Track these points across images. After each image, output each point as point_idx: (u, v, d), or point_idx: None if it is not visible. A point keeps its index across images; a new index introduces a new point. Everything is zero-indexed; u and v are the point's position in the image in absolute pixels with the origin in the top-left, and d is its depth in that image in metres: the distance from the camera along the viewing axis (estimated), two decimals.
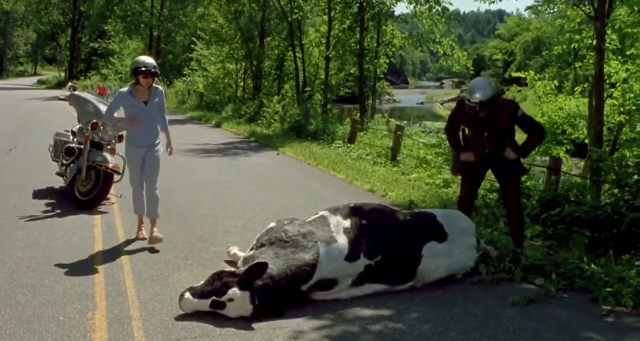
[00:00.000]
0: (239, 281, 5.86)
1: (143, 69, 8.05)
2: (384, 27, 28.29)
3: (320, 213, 7.03)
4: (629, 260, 7.66)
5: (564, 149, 19.90)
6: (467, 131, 7.95)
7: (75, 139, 10.90)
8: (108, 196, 10.48)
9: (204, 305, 5.89)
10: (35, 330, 5.52)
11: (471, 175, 7.95)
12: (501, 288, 6.98)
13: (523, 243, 7.92)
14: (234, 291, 5.81)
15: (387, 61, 30.72)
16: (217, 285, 5.92)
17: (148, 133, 8.33)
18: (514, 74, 24.25)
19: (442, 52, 26.76)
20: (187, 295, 5.96)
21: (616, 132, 17.01)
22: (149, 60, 8.30)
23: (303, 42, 30.36)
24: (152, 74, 8.12)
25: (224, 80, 36.81)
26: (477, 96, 7.39)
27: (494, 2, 17.03)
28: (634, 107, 15.89)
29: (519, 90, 45.25)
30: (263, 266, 5.94)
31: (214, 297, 5.85)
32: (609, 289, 6.67)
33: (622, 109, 16.30)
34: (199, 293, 5.93)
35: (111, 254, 7.81)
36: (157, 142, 8.43)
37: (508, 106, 7.62)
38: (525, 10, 17.86)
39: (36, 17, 68.92)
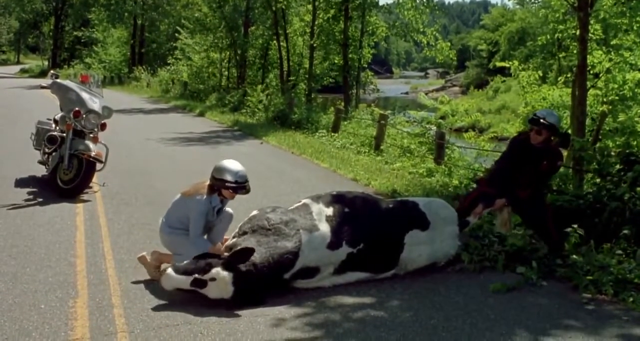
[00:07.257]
0: (224, 262, 5.88)
1: (240, 184, 6.76)
2: (368, 17, 28.26)
3: (303, 201, 7.03)
4: (609, 249, 7.71)
5: None
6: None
7: (57, 127, 10.81)
8: (90, 184, 10.44)
9: (185, 282, 5.88)
10: (16, 318, 5.50)
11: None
12: (483, 276, 7.02)
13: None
14: (218, 270, 5.83)
15: (372, 51, 30.68)
16: (201, 264, 5.92)
17: None
18: (499, 64, 24.17)
19: (425, 42, 26.75)
20: (169, 270, 5.95)
21: (599, 122, 17.04)
22: (244, 171, 6.89)
23: (287, 31, 30.28)
24: (247, 192, 6.83)
25: (208, 70, 36.75)
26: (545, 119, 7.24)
27: None
28: (616, 97, 15.89)
29: (504, 81, 45.31)
30: (249, 251, 5.95)
31: (196, 275, 5.85)
32: (590, 277, 6.73)
33: (604, 99, 16.29)
34: (181, 271, 5.92)
35: (93, 242, 7.79)
36: None
37: (556, 150, 7.42)
38: (510, 0, 17.76)
39: (19, 5, 68.37)
